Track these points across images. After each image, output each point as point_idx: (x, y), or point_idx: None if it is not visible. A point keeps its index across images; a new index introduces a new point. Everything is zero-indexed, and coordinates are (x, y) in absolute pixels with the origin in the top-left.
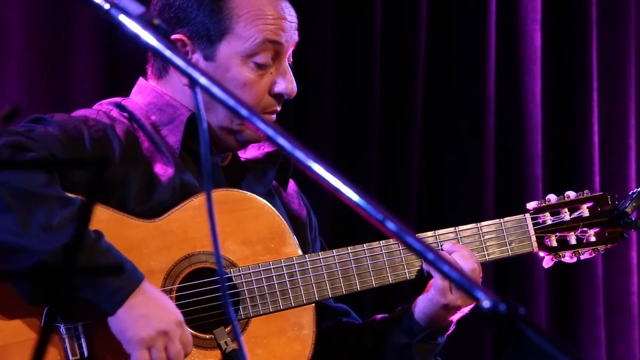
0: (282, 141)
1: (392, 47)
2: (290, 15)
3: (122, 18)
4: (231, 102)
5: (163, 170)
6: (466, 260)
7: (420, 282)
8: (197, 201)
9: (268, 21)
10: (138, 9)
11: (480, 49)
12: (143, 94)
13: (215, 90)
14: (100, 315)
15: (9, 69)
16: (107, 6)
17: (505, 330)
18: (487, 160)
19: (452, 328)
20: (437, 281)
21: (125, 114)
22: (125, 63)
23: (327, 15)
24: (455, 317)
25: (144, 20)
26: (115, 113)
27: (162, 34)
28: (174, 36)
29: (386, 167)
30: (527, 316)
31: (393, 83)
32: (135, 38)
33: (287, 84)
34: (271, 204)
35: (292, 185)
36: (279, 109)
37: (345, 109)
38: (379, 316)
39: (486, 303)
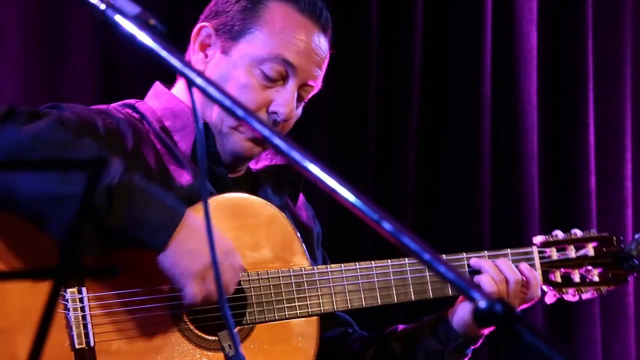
0: (277, 142)
1: (388, 47)
2: (320, 49)
3: (118, 18)
4: (227, 102)
5: (177, 173)
6: (509, 272)
7: (421, 305)
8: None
9: (293, 41)
10: (134, 9)
11: (476, 49)
12: (160, 99)
13: (212, 90)
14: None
15: (5, 68)
16: (103, 7)
17: (501, 330)
18: (483, 160)
19: (480, 341)
20: (485, 287)
21: (136, 116)
22: (121, 63)
23: None
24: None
25: (140, 21)
26: (127, 113)
27: (158, 34)
28: (202, 23)
29: (382, 168)
30: (523, 316)
31: (389, 83)
32: (131, 39)
33: (284, 105)
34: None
35: (300, 196)
36: None
37: (342, 111)
38: (401, 326)
39: (482, 303)
